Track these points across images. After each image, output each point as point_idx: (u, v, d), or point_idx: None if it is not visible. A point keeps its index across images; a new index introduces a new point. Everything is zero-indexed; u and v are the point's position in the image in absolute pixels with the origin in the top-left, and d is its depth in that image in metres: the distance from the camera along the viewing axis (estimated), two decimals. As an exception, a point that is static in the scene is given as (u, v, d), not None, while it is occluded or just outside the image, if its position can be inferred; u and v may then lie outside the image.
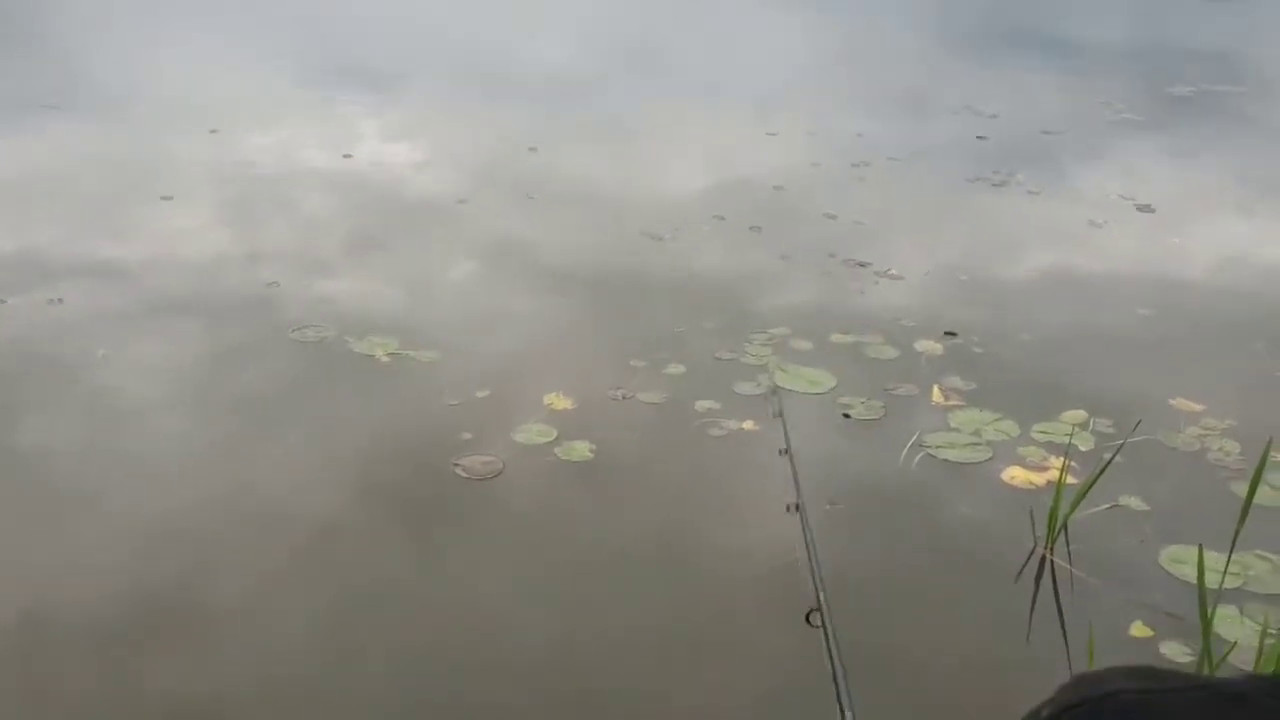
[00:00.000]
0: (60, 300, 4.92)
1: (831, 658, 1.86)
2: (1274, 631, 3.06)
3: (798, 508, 2.76)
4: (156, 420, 4.05)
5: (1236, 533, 1.90)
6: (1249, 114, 9.20)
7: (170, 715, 2.77)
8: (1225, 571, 2.13)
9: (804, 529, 2.58)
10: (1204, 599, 1.92)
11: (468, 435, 3.96)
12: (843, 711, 1.66)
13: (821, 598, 2.35)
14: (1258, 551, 3.42)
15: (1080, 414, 4.22)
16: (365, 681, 2.88)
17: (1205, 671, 1.73)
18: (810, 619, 2.51)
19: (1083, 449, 3.95)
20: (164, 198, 6.24)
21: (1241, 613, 3.21)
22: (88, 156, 6.93)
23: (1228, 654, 2.80)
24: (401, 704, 2.83)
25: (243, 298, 5.05)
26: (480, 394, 4.25)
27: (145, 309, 4.90)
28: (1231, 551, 2.03)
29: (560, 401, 4.22)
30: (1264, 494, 3.76)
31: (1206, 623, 1.86)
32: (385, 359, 4.52)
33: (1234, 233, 6.49)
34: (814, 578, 2.40)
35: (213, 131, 7.42)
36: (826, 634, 2.04)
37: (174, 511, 3.52)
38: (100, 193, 6.31)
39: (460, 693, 2.89)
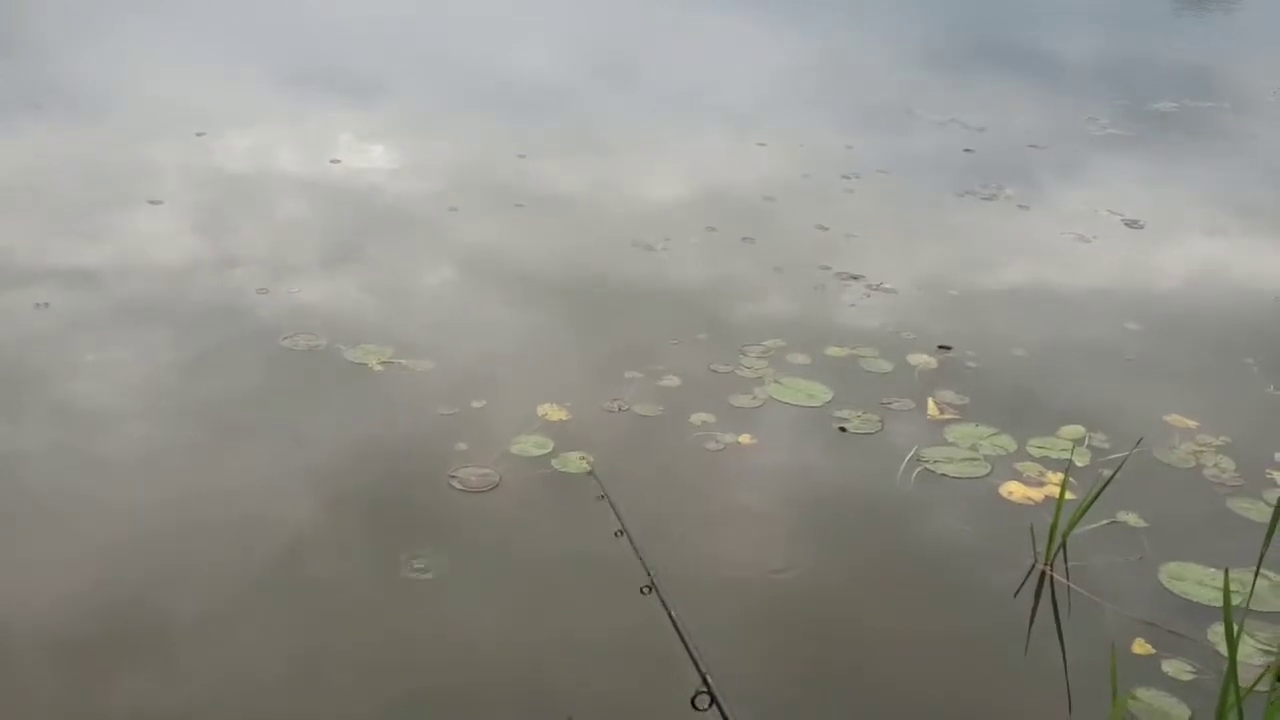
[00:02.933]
0: (47, 305, 4.85)
1: None
2: (1276, 650, 3.07)
3: (652, 588, 2.87)
4: (141, 429, 3.99)
5: (1262, 554, 1.89)
6: (1231, 130, 9.27)
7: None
8: (1250, 593, 2.12)
9: (666, 609, 2.74)
10: (1229, 620, 1.91)
11: (463, 446, 3.92)
12: None
13: (709, 680, 2.50)
14: (1264, 573, 3.42)
15: (1078, 429, 4.23)
16: (352, 701, 2.84)
17: (1229, 694, 1.72)
18: (695, 703, 2.58)
19: (1079, 464, 3.95)
20: (152, 201, 6.17)
21: (1245, 631, 3.20)
22: (74, 158, 6.85)
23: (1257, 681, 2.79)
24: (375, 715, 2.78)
25: (233, 305, 4.99)
26: (475, 404, 4.22)
27: (132, 315, 4.84)
28: (1258, 572, 2.03)
29: (555, 413, 4.18)
30: (1258, 510, 3.79)
31: (1233, 644, 1.85)
32: (378, 368, 4.47)
33: (1221, 249, 6.53)
34: (692, 657, 2.57)
35: (199, 135, 7.36)
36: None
37: (159, 522, 3.47)
38: (88, 196, 6.23)
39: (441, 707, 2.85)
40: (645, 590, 3.03)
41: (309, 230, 5.99)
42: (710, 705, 2.62)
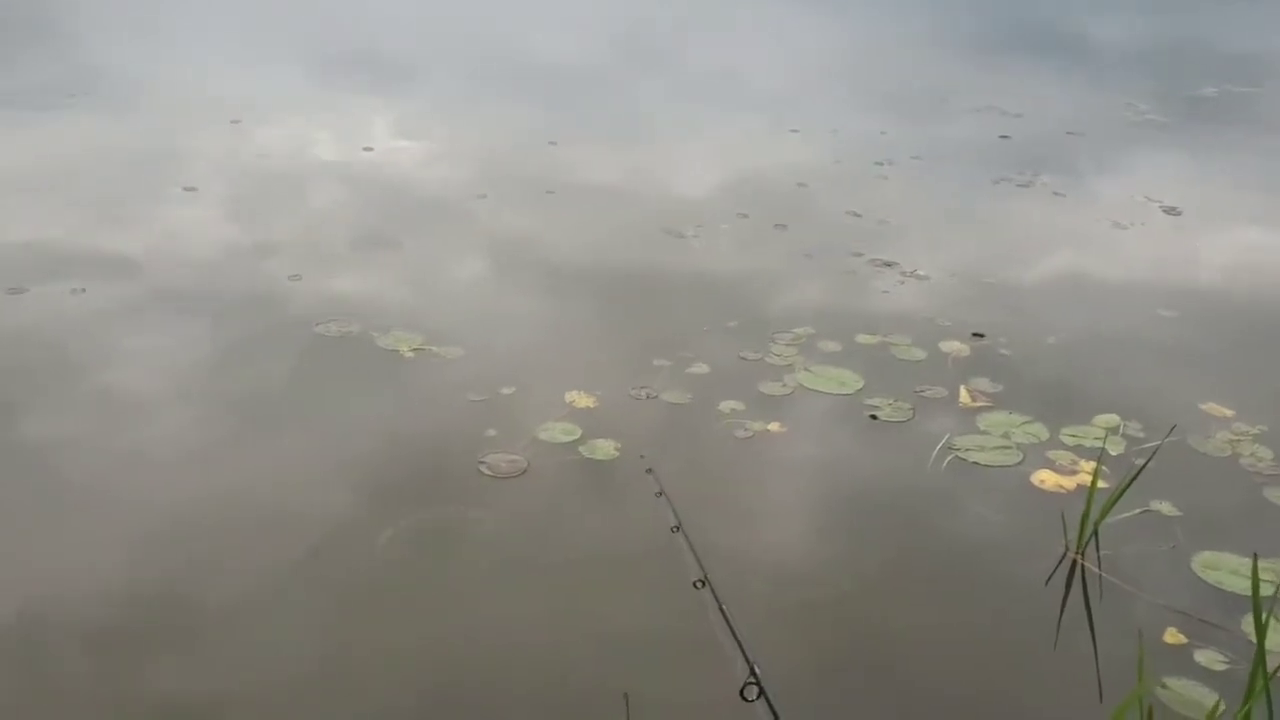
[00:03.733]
0: (83, 290, 4.92)
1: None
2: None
3: (705, 583, 2.86)
4: (178, 413, 4.04)
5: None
6: (1274, 116, 9.12)
7: (164, 713, 2.74)
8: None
9: (718, 603, 2.71)
10: (1258, 607, 1.88)
11: (492, 432, 3.94)
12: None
13: (756, 671, 2.46)
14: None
15: (1112, 418, 4.18)
16: (375, 683, 2.86)
17: (1257, 680, 1.70)
18: (744, 694, 2.57)
19: (1112, 453, 3.91)
20: (186, 189, 6.24)
21: (1269, 617, 3.16)
22: (110, 147, 6.93)
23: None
24: (403, 704, 2.79)
25: (266, 291, 5.04)
26: (505, 391, 4.23)
27: (166, 301, 4.89)
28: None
29: (584, 399, 4.19)
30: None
31: (1261, 630, 1.82)
32: (410, 354, 4.50)
33: (1260, 236, 6.43)
34: (740, 648, 2.53)
35: (234, 123, 7.42)
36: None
37: (192, 505, 3.50)
38: (123, 184, 6.31)
39: (468, 697, 2.85)
40: (699, 584, 3.04)
41: (341, 217, 6.03)
42: (759, 697, 2.63)
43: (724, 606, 2.92)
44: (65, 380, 4.21)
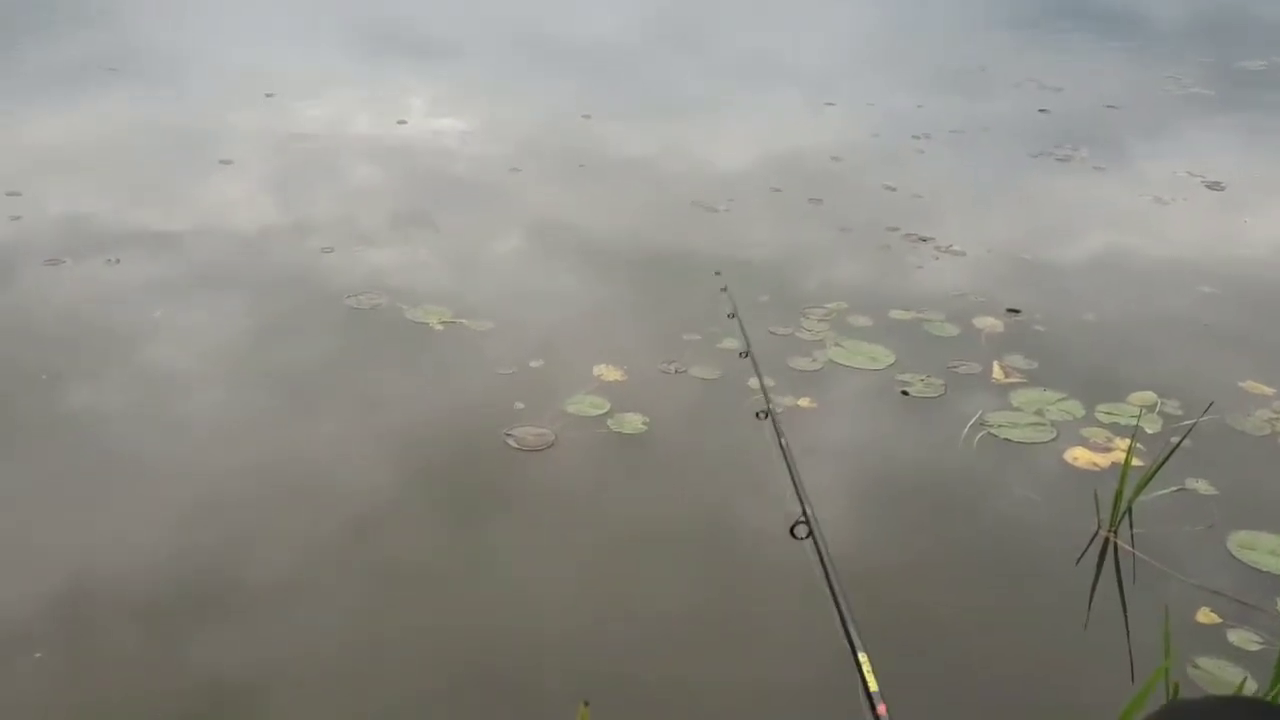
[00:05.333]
0: (118, 260, 4.96)
1: (827, 570, 1.79)
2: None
3: (768, 414, 2.70)
4: (211, 385, 4.07)
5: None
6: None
7: (207, 687, 2.76)
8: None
9: (778, 435, 2.54)
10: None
11: (520, 405, 3.94)
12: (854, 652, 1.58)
13: (808, 510, 2.30)
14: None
15: (1149, 395, 4.12)
16: (398, 654, 2.86)
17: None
18: (794, 531, 2.46)
19: (1149, 431, 3.85)
20: (222, 162, 6.27)
21: (1313, 602, 3.11)
22: (147, 120, 6.98)
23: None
24: (434, 680, 2.79)
25: (298, 263, 5.07)
26: (533, 364, 4.23)
27: (202, 272, 4.93)
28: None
29: (612, 373, 4.18)
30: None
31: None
32: (439, 327, 4.51)
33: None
34: (795, 487, 2.35)
35: (268, 96, 7.45)
36: (818, 545, 1.98)
37: (224, 476, 3.53)
38: (160, 156, 6.36)
39: (498, 670, 2.85)
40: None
41: (373, 191, 6.05)
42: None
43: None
44: (99, 352, 4.25)
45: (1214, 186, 6.45)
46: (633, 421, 3.88)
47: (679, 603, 3.07)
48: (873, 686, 2.07)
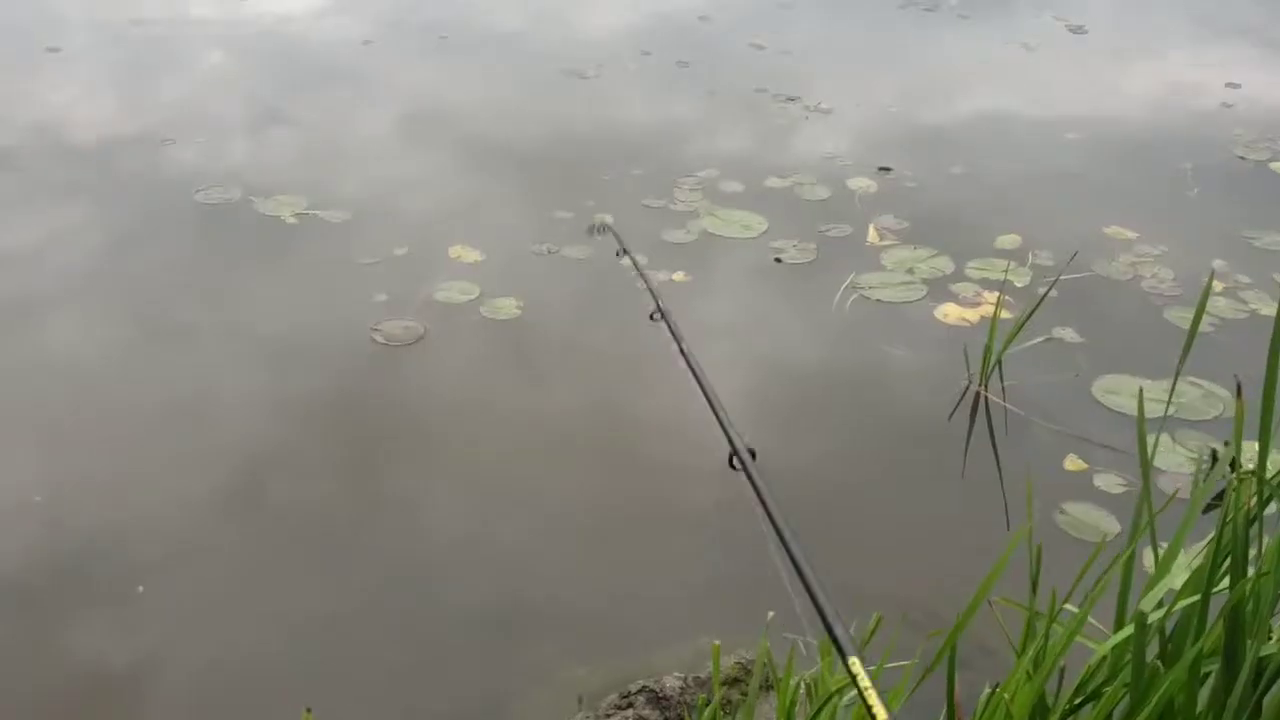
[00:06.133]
0: (-60, 170, 4.60)
1: (757, 491, 1.72)
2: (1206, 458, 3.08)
3: (661, 315, 2.61)
4: (58, 304, 3.82)
5: (1181, 363, 1.84)
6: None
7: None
8: (1170, 400, 2.07)
9: (674, 335, 2.38)
10: (1142, 431, 1.86)
11: (383, 296, 3.79)
12: (784, 541, 1.55)
13: (737, 440, 2.12)
14: (1190, 379, 3.41)
15: (1014, 238, 4.15)
16: (285, 576, 2.78)
17: (1144, 508, 1.69)
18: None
19: (1018, 285, 3.89)
20: (50, 50, 5.81)
21: (1174, 440, 3.21)
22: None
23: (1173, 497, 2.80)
24: (316, 606, 2.72)
25: (143, 159, 4.75)
26: (397, 252, 4.07)
27: (40, 168, 4.59)
28: (1175, 383, 1.97)
29: (480, 257, 4.04)
30: (1187, 318, 3.75)
31: (1145, 458, 1.80)
32: (292, 220, 4.29)
33: (1166, 56, 6.35)
34: (697, 379, 2.20)
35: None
36: (748, 473, 1.85)
37: (81, 400, 3.34)
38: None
39: (397, 594, 2.80)
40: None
41: (218, 77, 5.68)
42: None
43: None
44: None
45: (1077, 30, 6.46)
46: (506, 306, 3.77)
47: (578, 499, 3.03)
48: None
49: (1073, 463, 3.16)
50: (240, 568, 2.74)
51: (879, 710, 1.23)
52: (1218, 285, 3.93)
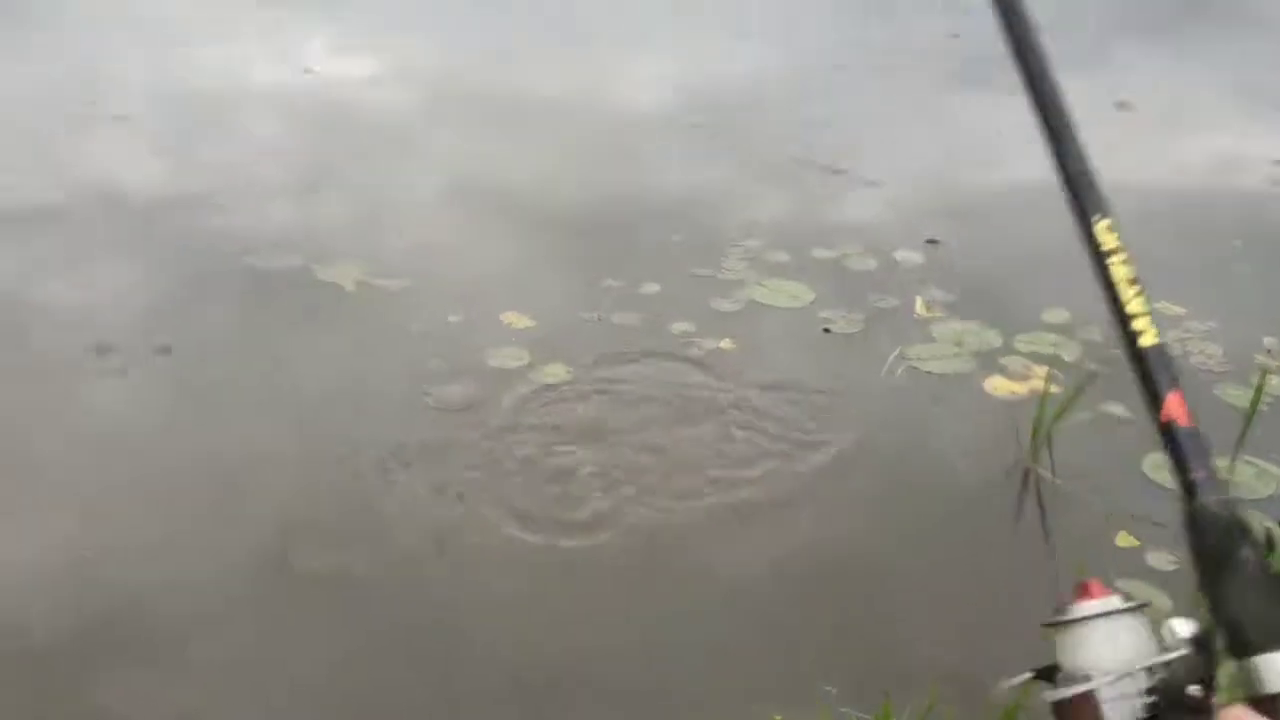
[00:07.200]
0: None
1: None
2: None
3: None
4: (106, 363, 3.92)
5: (1240, 439, 1.85)
6: (1252, 11, 8.96)
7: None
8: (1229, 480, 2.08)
9: None
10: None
11: (438, 363, 3.86)
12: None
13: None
14: (1245, 457, 3.39)
15: (1062, 313, 4.16)
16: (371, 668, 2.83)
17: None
18: None
19: (1066, 359, 3.89)
20: (117, 118, 6.01)
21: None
22: (32, 72, 6.65)
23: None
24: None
25: (203, 223, 4.87)
26: (451, 319, 4.14)
27: (102, 230, 4.73)
28: (1235, 459, 1.98)
29: (531, 323, 4.11)
30: (1244, 397, 3.73)
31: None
32: (351, 289, 4.37)
33: (1213, 134, 6.36)
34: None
35: (168, 46, 7.14)
36: None
37: (130, 468, 3.42)
38: (48, 110, 6.06)
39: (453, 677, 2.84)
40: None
41: (278, 144, 5.84)
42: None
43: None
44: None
45: (1123, 107, 6.49)
46: (555, 372, 3.83)
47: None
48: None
49: (1125, 539, 3.15)
50: (283, 631, 2.78)
51: None
52: (1270, 362, 3.92)
